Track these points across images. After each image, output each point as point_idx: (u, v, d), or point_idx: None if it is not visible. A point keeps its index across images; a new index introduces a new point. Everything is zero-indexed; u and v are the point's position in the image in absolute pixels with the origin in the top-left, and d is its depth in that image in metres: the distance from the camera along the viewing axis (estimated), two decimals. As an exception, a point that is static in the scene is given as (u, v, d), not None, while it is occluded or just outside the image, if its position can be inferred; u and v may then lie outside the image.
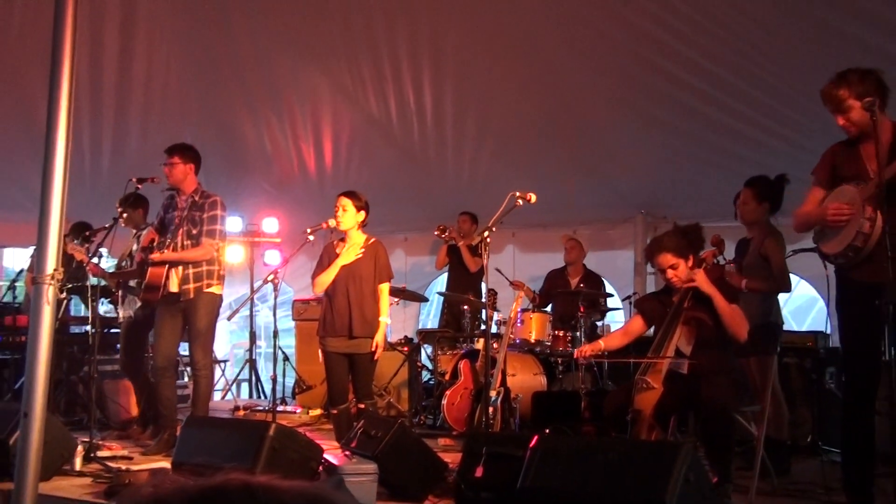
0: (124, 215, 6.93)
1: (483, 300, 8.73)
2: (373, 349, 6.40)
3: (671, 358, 5.16)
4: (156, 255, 6.55)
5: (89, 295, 6.94)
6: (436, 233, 9.37)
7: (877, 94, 4.45)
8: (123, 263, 7.75)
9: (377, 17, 8.23)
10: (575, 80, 8.26)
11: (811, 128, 7.46)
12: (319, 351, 6.55)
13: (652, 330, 5.58)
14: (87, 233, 7.15)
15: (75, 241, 7.12)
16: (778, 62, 7.08)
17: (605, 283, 9.41)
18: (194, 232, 6.67)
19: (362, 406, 6.43)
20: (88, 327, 7.27)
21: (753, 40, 6.93)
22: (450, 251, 9.68)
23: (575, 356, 5.73)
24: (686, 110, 7.98)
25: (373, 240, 6.59)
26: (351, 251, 6.47)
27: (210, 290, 6.77)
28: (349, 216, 6.44)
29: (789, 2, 6.51)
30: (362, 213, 6.49)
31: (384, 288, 6.56)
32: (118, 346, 9.43)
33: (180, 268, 6.67)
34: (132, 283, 7.36)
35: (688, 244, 5.33)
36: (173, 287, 6.68)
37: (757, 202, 6.18)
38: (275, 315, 7.13)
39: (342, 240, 6.59)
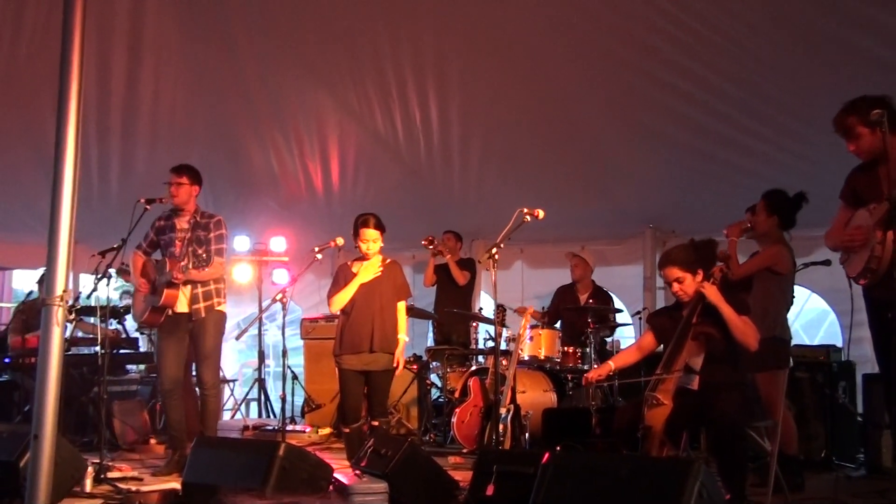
0: None
1: (483, 316, 8.76)
2: (395, 365, 6.46)
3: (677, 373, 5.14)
4: (179, 276, 6.53)
5: (98, 315, 6.95)
6: (423, 243, 9.42)
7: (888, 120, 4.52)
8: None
9: (382, 37, 8.24)
10: (580, 97, 8.26)
11: (819, 141, 7.45)
12: (337, 370, 6.55)
13: (661, 346, 5.56)
14: (96, 254, 7.16)
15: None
16: (785, 75, 7.07)
17: (615, 298, 9.40)
18: (200, 252, 6.67)
19: (376, 423, 6.44)
20: (98, 348, 7.28)
21: (760, 54, 6.93)
22: (436, 269, 9.74)
23: (584, 384, 5.72)
24: (693, 125, 7.97)
25: (389, 259, 6.64)
26: (370, 269, 6.50)
27: (219, 308, 6.81)
28: (378, 244, 6.49)
29: (796, 16, 6.50)
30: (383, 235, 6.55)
31: (402, 306, 6.62)
32: (127, 366, 9.48)
33: (188, 288, 6.68)
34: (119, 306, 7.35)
35: (697, 259, 5.32)
36: (182, 307, 6.69)
37: (767, 214, 6.19)
38: (283, 334, 7.13)
39: (358, 259, 6.60)
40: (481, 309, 10.13)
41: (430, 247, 9.44)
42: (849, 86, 6.14)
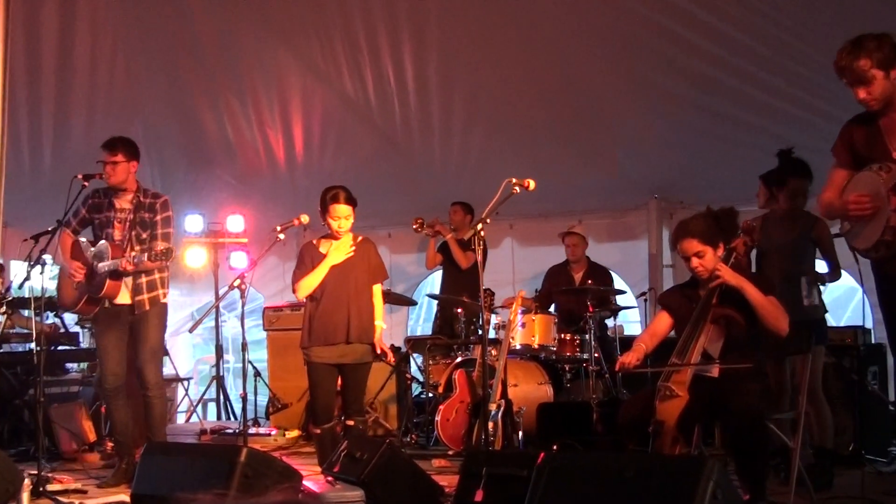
0: None
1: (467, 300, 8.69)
2: (379, 352, 6.47)
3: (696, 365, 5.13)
4: (129, 268, 6.45)
5: (33, 308, 6.89)
6: (414, 227, 9.35)
7: (894, 58, 4.46)
8: None
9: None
10: (575, 51, 8.24)
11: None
12: (305, 364, 6.53)
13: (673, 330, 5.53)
14: (29, 238, 7.09)
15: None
16: (802, 21, 7.06)
17: (617, 278, 9.39)
18: (144, 236, 6.63)
19: (352, 423, 6.42)
20: (33, 345, 7.23)
21: (777, 1, 6.92)
22: (441, 248, 9.65)
23: (616, 370, 5.62)
24: (703, 81, 7.97)
25: (361, 237, 6.61)
26: (340, 250, 6.46)
27: (163, 300, 6.80)
28: (350, 221, 6.45)
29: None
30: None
31: (377, 289, 6.59)
32: (67, 364, 9.42)
33: (131, 277, 6.63)
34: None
35: (718, 230, 5.26)
36: (123, 299, 6.64)
37: (776, 190, 6.40)
38: (243, 325, 7.09)
39: (325, 237, 6.57)
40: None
41: (422, 230, 9.34)
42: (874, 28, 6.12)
